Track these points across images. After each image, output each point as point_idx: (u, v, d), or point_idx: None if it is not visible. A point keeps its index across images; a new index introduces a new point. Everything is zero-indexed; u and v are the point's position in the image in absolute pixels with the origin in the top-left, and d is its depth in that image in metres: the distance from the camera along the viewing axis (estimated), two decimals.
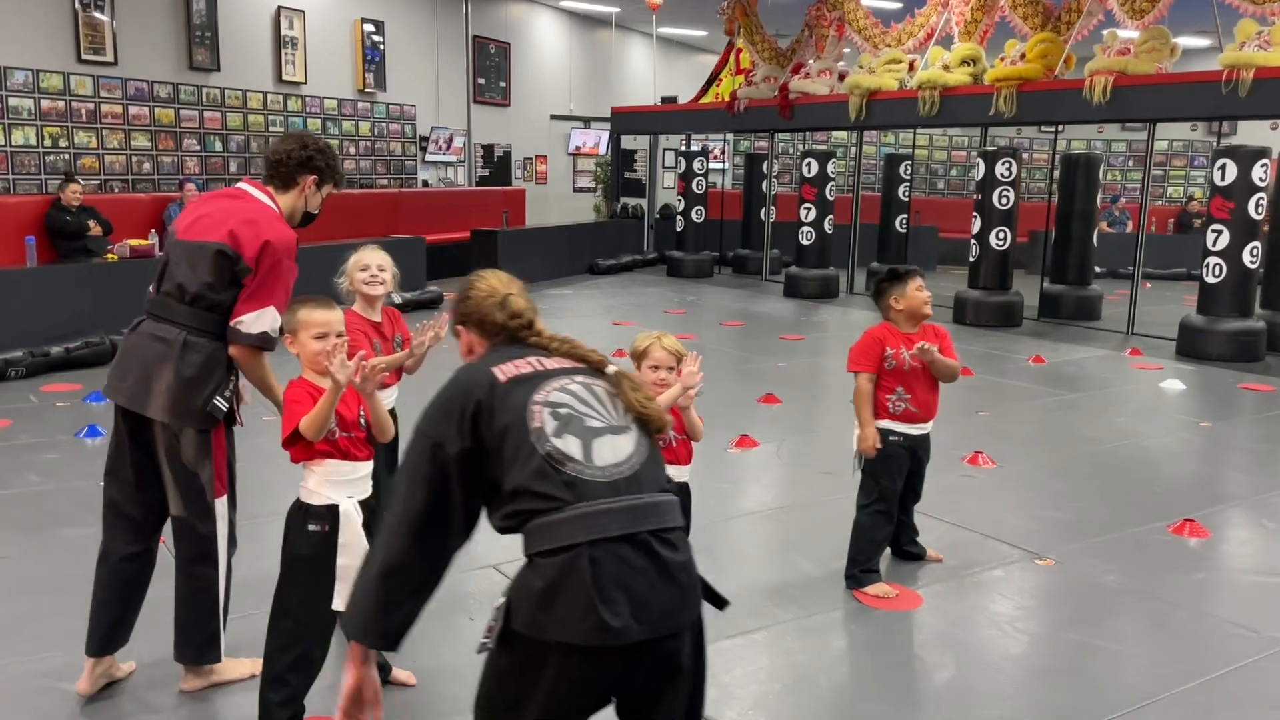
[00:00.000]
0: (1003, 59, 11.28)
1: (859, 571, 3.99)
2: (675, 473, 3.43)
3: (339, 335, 2.86)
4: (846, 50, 13.84)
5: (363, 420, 2.91)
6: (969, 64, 11.74)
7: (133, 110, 11.68)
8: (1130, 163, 19.24)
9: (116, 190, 11.49)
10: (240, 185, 3.17)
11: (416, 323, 3.64)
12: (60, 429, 5.95)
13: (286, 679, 2.79)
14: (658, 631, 1.78)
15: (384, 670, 3.15)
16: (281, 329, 2.97)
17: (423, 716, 3.01)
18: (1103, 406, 7.40)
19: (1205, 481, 5.66)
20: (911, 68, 12.68)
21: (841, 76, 13.48)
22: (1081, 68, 10.61)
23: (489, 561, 4.16)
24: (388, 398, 3.56)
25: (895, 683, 3.30)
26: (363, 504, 2.91)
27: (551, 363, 1.99)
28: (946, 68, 11.81)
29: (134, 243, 8.51)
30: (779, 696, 3.17)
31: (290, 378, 2.89)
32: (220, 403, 3.00)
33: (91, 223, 8.97)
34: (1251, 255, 8.96)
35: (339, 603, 2.83)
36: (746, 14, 14.52)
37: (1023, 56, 11.06)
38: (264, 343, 3.00)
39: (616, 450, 1.88)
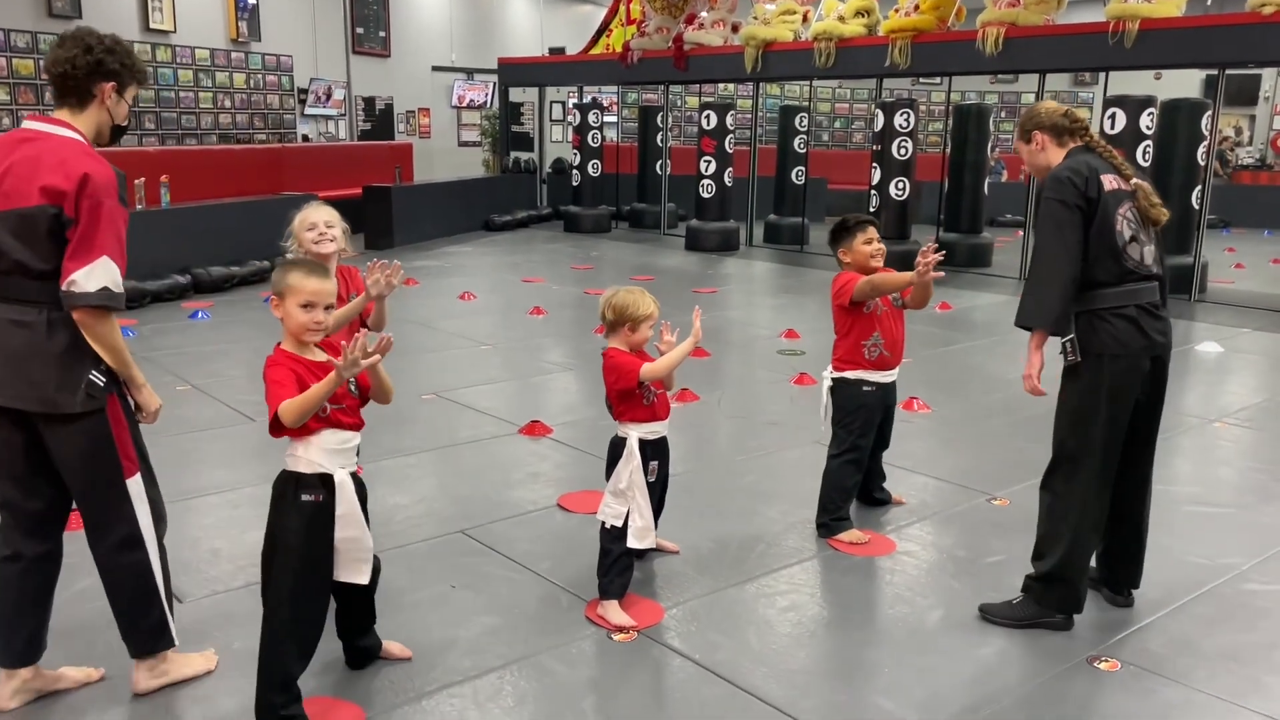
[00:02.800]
0: (896, 10, 11.44)
1: (830, 520, 4.02)
2: (657, 427, 3.40)
3: (327, 308, 2.67)
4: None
5: (354, 389, 2.73)
6: (863, 15, 11.88)
7: None
8: (1004, 114, 19.87)
9: None
10: (27, 125, 2.67)
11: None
12: None
13: (284, 659, 2.63)
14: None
15: (376, 648, 3.02)
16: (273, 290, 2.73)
17: (421, 687, 2.90)
18: (1016, 350, 7.63)
19: None
20: (805, 19, 12.76)
21: (735, 28, 13.47)
22: (973, 19, 10.84)
23: (458, 527, 4.04)
24: None
25: (894, 626, 3.34)
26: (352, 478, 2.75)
27: (1123, 185, 3.17)
28: (841, 19, 11.92)
29: None
30: (786, 649, 3.17)
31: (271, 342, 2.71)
32: (97, 377, 2.63)
33: None
34: None
35: (342, 574, 2.69)
36: None
37: (916, 8, 11.24)
38: (109, 300, 2.56)
39: (1150, 252, 3.19)
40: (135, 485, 2.74)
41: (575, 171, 15.04)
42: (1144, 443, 3.35)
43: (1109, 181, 3.15)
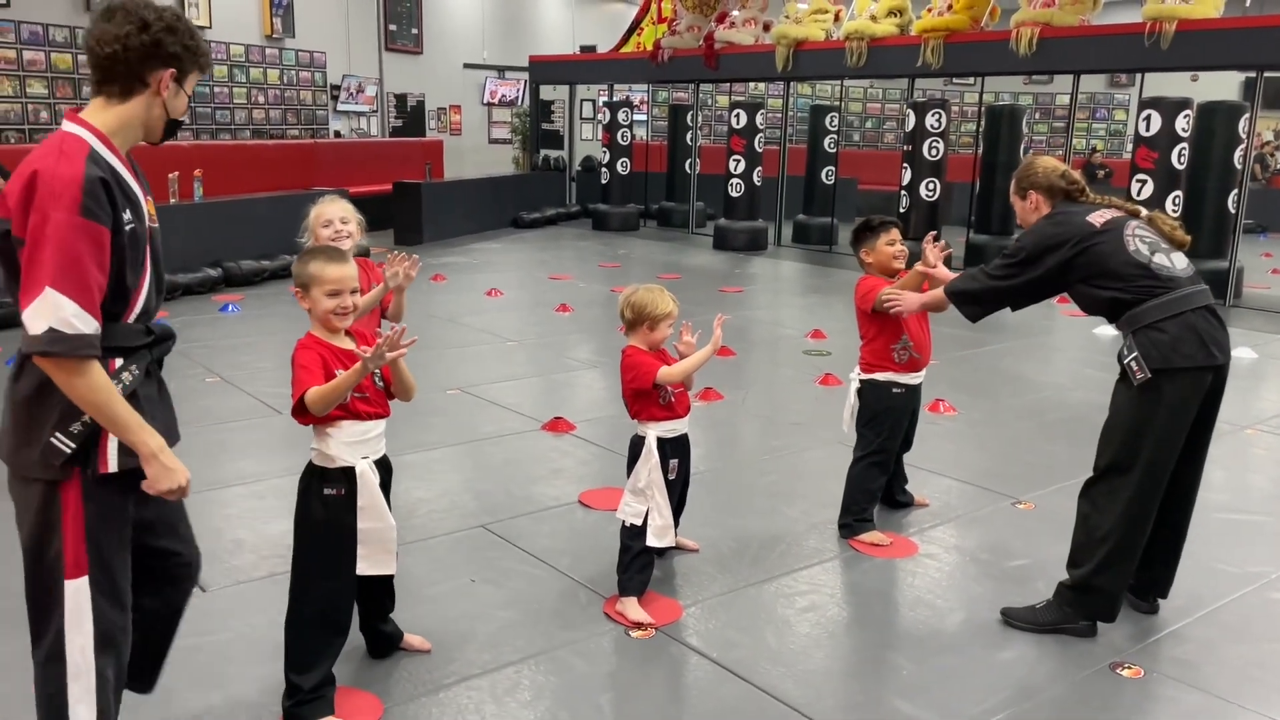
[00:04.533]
0: (929, 10, 11.37)
1: (854, 520, 3.99)
2: (676, 425, 3.40)
3: (353, 292, 2.70)
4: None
5: (379, 381, 2.76)
6: (895, 15, 11.80)
7: (27, 56, 10.98)
8: (1038, 115, 19.69)
9: (12, 141, 10.80)
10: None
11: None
12: None
13: (313, 649, 2.66)
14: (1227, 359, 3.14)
15: (397, 638, 3.04)
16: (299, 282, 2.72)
17: (439, 679, 2.91)
18: (1046, 353, 7.59)
19: None
20: (837, 18, 12.70)
21: (767, 26, 13.43)
22: (1007, 19, 10.75)
23: (479, 522, 4.06)
24: None
25: (914, 628, 3.31)
26: (378, 464, 2.76)
27: (1117, 213, 3.24)
28: (873, 18, 11.85)
29: None
30: (804, 649, 3.16)
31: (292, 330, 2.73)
32: (60, 442, 2.01)
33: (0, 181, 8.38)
34: (1174, 204, 9.25)
35: (364, 567, 2.71)
36: None
37: (949, 8, 11.16)
38: (53, 345, 1.90)
39: (1181, 259, 3.17)
40: (76, 591, 2.09)
41: (604, 169, 15.05)
42: (1194, 453, 3.25)
43: (1098, 218, 3.19)
